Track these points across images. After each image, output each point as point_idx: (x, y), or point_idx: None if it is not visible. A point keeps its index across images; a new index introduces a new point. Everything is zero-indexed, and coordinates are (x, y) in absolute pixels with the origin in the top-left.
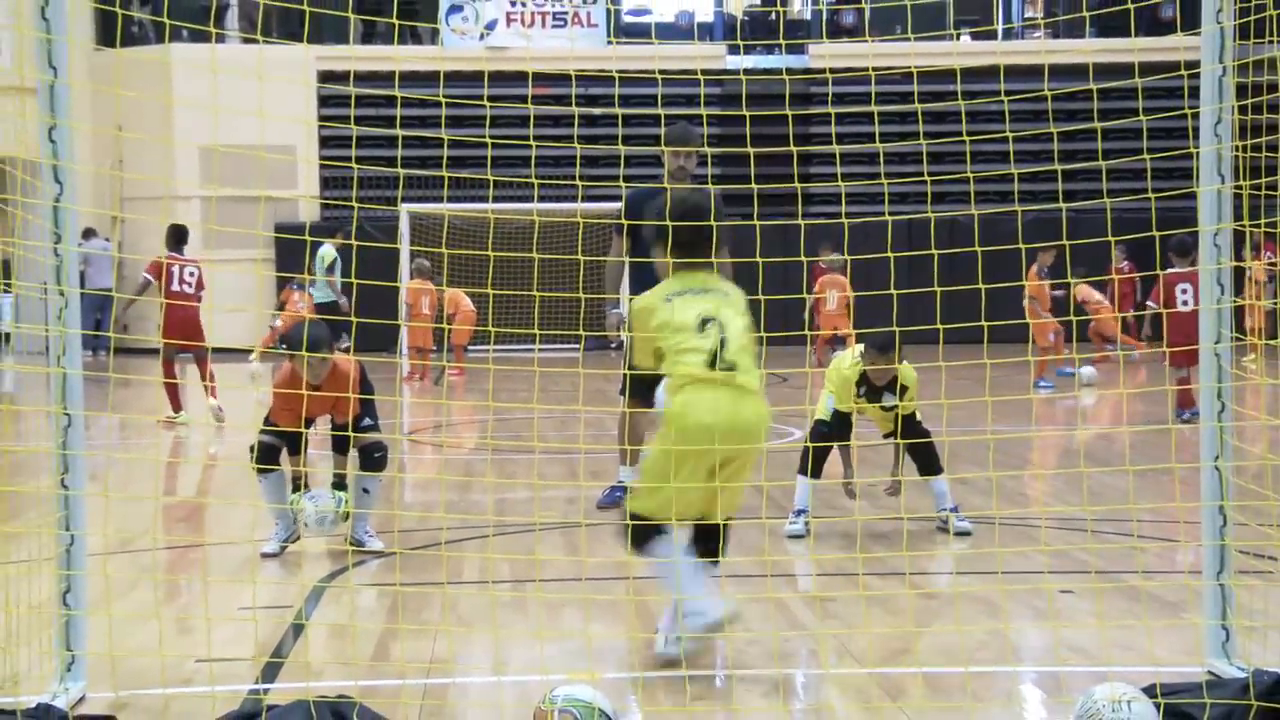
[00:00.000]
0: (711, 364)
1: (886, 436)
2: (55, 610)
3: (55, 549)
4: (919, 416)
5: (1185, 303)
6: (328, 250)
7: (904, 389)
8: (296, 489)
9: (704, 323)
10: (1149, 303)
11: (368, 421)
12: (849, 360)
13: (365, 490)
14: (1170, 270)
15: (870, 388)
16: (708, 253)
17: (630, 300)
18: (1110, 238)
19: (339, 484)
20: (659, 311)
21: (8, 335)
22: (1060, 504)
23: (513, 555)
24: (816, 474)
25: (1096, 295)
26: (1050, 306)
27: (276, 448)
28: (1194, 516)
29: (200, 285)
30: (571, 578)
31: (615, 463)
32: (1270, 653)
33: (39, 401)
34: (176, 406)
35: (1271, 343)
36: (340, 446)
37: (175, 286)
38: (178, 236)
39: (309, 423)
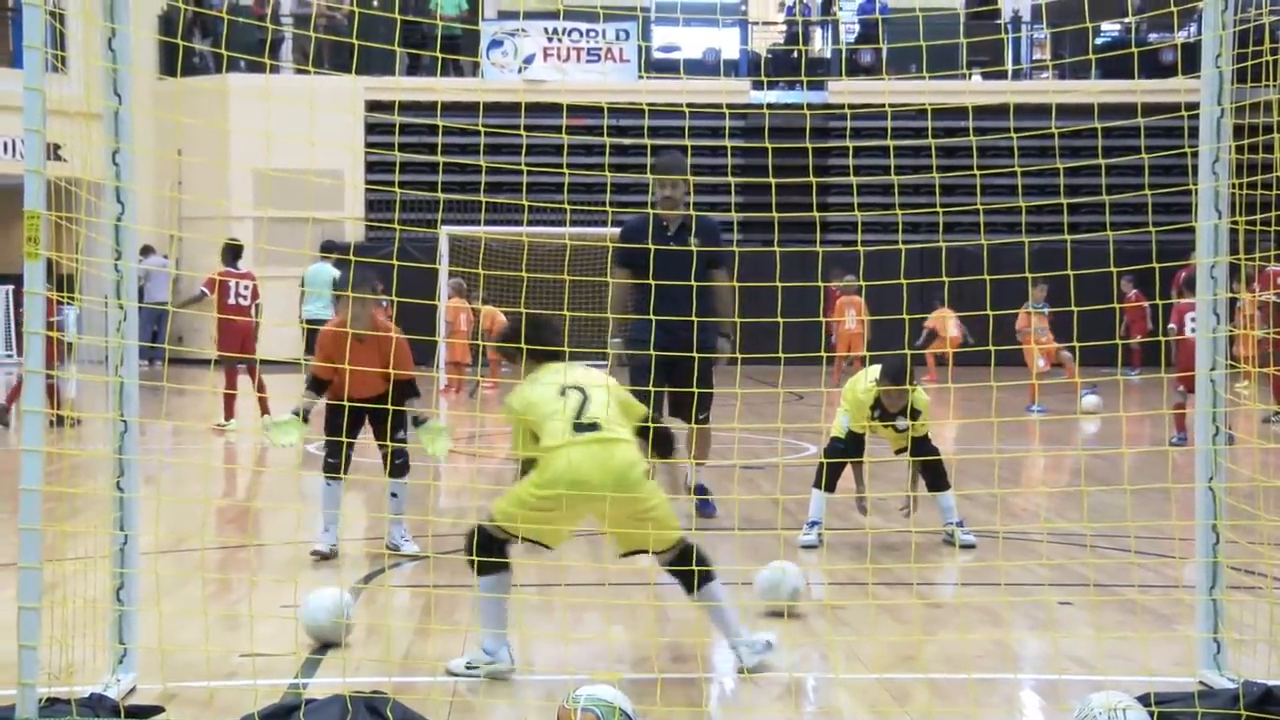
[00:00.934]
0: (574, 428)
1: (898, 452)
2: (109, 605)
3: (110, 548)
4: (929, 435)
5: (1193, 330)
6: (338, 272)
7: (916, 412)
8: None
9: (563, 391)
10: (1170, 325)
11: (400, 435)
12: (864, 384)
13: (394, 495)
14: (1182, 300)
15: (884, 411)
16: (560, 355)
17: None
18: (1113, 269)
19: (418, 421)
20: (525, 394)
21: (71, 345)
22: (1060, 520)
23: (539, 560)
24: (830, 488)
25: (952, 330)
26: (1044, 336)
27: (339, 455)
28: (1188, 534)
29: (255, 296)
30: (595, 583)
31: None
32: (1260, 665)
33: (98, 408)
34: (229, 415)
35: (1265, 370)
36: (401, 395)
37: (230, 300)
38: (234, 253)
39: (355, 431)
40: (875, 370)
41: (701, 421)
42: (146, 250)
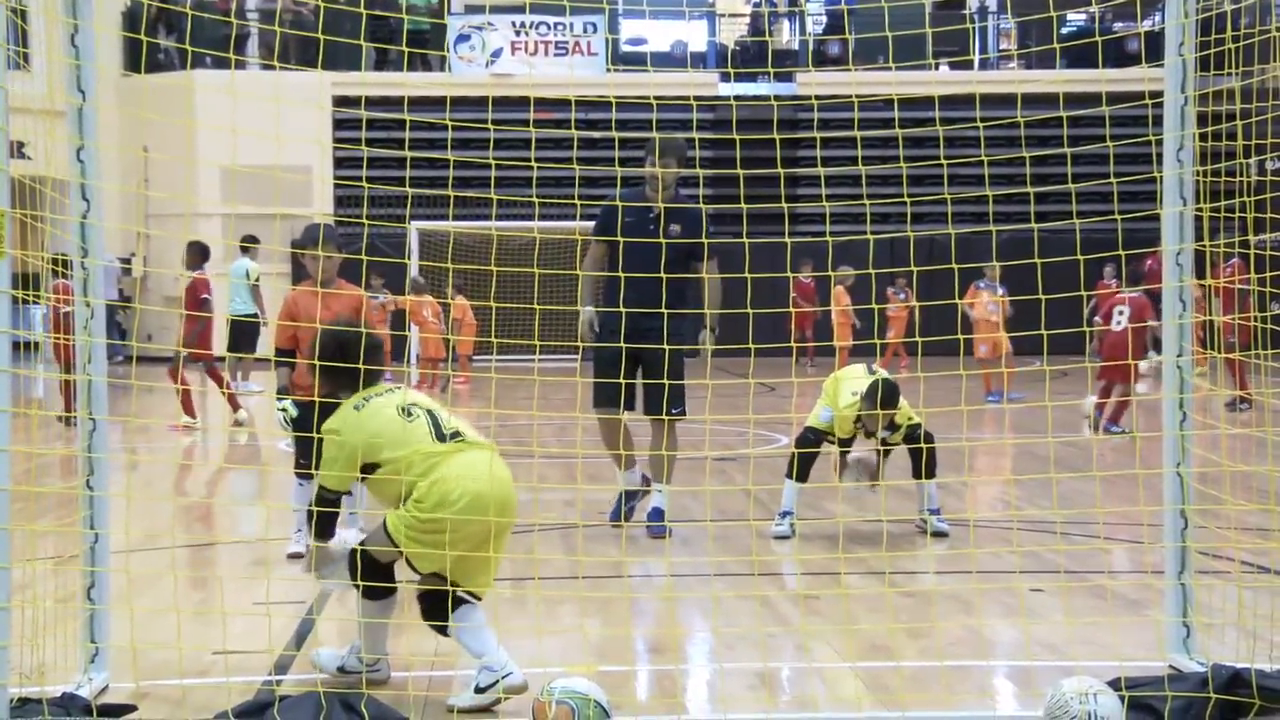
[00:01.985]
0: (439, 439)
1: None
2: (80, 604)
3: (80, 546)
4: (919, 421)
5: (1119, 323)
6: (253, 265)
7: (898, 425)
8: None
9: (405, 411)
10: (1096, 318)
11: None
12: (845, 397)
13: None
14: (1116, 293)
15: (866, 428)
16: (359, 381)
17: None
18: (1079, 256)
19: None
20: (359, 421)
21: (38, 344)
22: (1032, 507)
23: (513, 555)
24: (803, 478)
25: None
26: (995, 318)
27: (310, 454)
28: (1157, 520)
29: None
30: (569, 576)
31: (612, 468)
32: (1228, 648)
33: (60, 406)
34: (193, 412)
35: (1229, 356)
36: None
37: (211, 298)
38: (204, 254)
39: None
40: (855, 376)
41: (674, 415)
42: None
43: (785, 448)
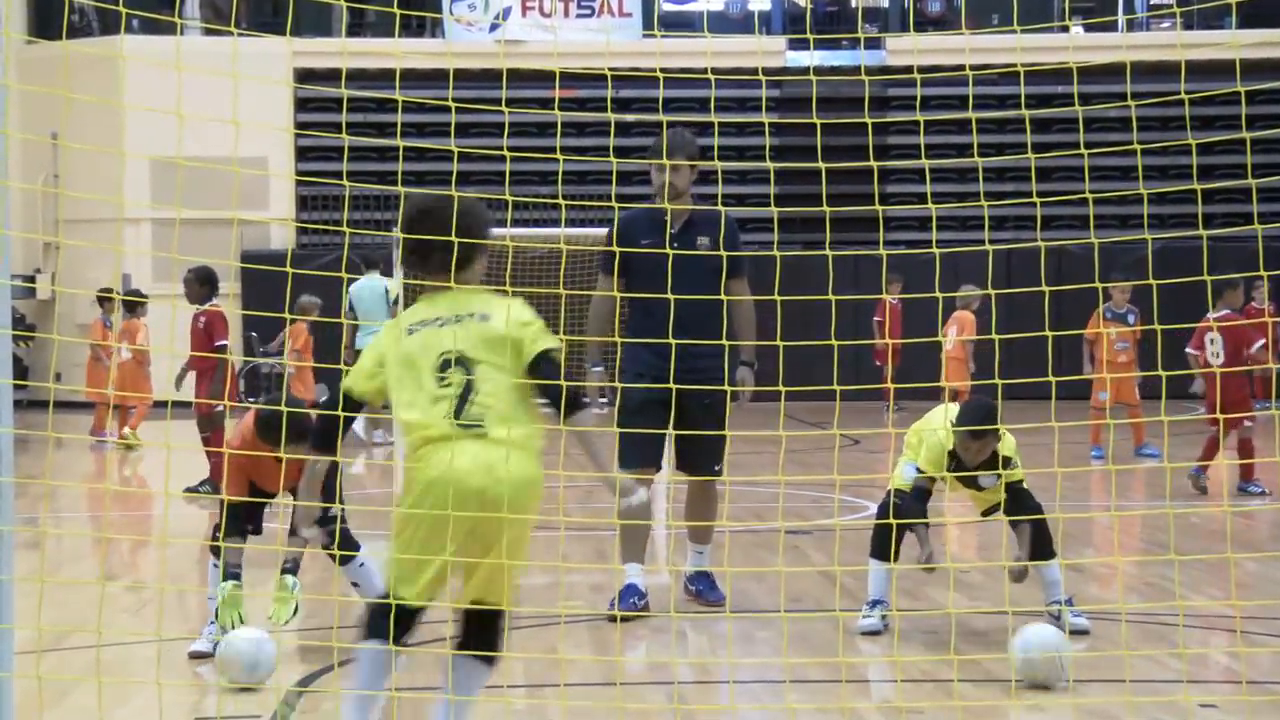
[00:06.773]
0: (454, 415)
1: (985, 514)
2: None
3: None
4: (1027, 484)
5: (1216, 354)
6: (391, 283)
7: (1006, 460)
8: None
9: (444, 365)
10: (1188, 350)
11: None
12: (940, 419)
13: (355, 584)
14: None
15: (959, 465)
16: (448, 266)
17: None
18: (1263, 272)
19: (293, 569)
20: (393, 345)
21: None
22: (1200, 597)
23: (530, 654)
24: (890, 556)
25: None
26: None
27: (235, 535)
28: None
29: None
30: (600, 682)
31: (652, 544)
32: None
33: None
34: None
35: None
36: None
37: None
38: (211, 284)
39: (259, 516)
40: (955, 409)
41: (714, 474)
42: None
43: (873, 517)
